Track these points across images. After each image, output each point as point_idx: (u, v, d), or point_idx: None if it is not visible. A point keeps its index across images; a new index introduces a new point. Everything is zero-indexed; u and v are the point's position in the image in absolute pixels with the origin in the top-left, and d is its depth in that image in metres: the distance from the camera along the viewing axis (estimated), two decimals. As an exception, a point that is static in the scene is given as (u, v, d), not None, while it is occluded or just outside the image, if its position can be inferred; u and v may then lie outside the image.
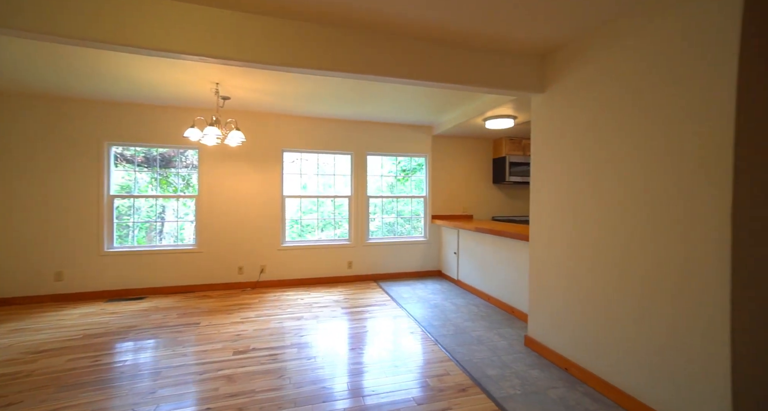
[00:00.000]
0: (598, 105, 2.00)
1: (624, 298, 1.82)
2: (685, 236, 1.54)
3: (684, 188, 1.55)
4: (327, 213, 4.60)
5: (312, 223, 4.58)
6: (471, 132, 4.57)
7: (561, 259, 2.24)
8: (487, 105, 3.42)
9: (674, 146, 1.60)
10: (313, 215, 4.59)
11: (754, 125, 1.41)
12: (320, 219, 4.58)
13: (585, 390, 1.94)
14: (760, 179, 1.42)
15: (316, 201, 4.52)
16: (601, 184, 1.97)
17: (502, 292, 3.35)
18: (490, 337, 2.65)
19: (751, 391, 1.42)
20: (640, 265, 1.74)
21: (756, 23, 1.39)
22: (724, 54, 1.41)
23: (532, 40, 2.21)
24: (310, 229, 4.60)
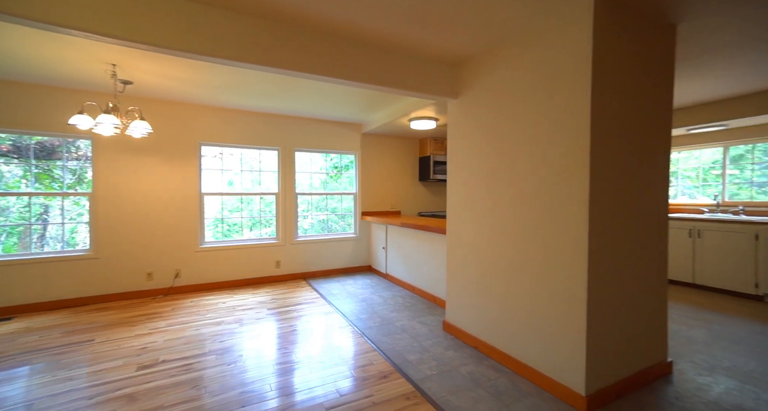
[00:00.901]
0: (495, 113, 2.28)
1: (516, 281, 2.11)
2: (560, 227, 1.86)
3: (557, 187, 1.87)
4: (256, 211, 4.37)
5: (240, 222, 4.31)
6: (398, 131, 4.76)
7: (469, 251, 2.50)
8: (411, 106, 3.61)
9: (550, 152, 1.91)
10: (243, 213, 4.32)
11: (602, 136, 1.76)
12: (249, 217, 4.33)
13: (490, 364, 2.21)
14: (605, 178, 1.79)
15: (242, 199, 4.26)
16: (496, 185, 2.25)
17: (426, 282, 3.60)
18: (412, 326, 2.83)
19: (599, 344, 1.79)
20: (527, 253, 2.04)
21: (604, 48, 1.73)
22: (583, 75, 1.73)
23: (445, 49, 2.41)
24: (238, 228, 4.32)
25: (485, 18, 1.99)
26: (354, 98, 3.58)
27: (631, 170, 1.89)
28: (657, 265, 2.03)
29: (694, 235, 3.85)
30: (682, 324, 2.84)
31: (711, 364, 2.18)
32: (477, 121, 2.47)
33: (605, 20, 1.74)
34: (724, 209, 4.18)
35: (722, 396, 1.85)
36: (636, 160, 1.91)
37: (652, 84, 1.96)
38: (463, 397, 1.84)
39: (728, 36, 2.21)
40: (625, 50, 1.83)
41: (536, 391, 1.90)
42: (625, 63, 1.83)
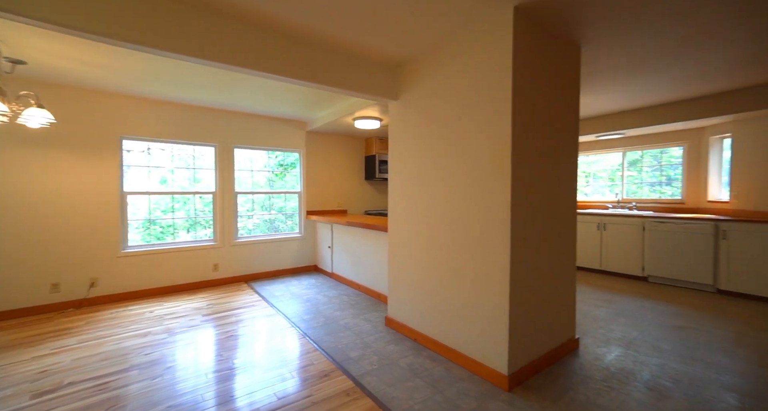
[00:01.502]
0: (430, 115, 2.41)
1: (449, 274, 2.27)
2: (487, 224, 2.04)
3: (484, 187, 2.05)
4: (195, 211, 4.05)
5: (175, 223, 3.95)
6: (344, 130, 4.76)
7: (407, 247, 2.62)
8: (356, 106, 3.64)
9: (478, 154, 2.08)
10: (179, 214, 3.98)
11: (521, 140, 1.97)
12: (187, 218, 4.00)
13: (428, 354, 2.34)
14: (524, 178, 2.00)
15: (174, 198, 3.92)
16: (431, 185, 2.39)
17: (371, 280, 3.67)
18: (356, 323, 2.88)
19: (519, 328, 2.01)
20: (459, 248, 2.20)
21: (521, 66, 1.94)
22: (505, 84, 1.92)
23: (385, 52, 2.48)
24: (173, 230, 3.96)
25: (415, 29, 2.09)
26: (298, 95, 3.50)
27: (546, 171, 2.14)
28: (567, 255, 2.33)
29: (601, 228, 4.45)
30: (589, 305, 3.29)
31: (607, 337, 2.56)
32: (414, 123, 2.58)
33: (522, 36, 1.93)
34: (622, 205, 4.90)
35: (612, 362, 2.19)
36: (550, 162, 2.16)
37: (562, 95, 2.24)
38: (401, 387, 1.94)
39: (622, 59, 2.59)
40: (540, 64, 2.06)
41: (468, 375, 2.07)
42: (540, 75, 2.06)
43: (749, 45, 2.39)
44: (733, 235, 3.44)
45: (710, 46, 2.38)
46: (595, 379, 2.02)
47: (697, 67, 2.79)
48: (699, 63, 2.70)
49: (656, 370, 2.09)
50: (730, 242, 3.45)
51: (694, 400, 1.79)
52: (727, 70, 2.87)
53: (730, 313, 3.04)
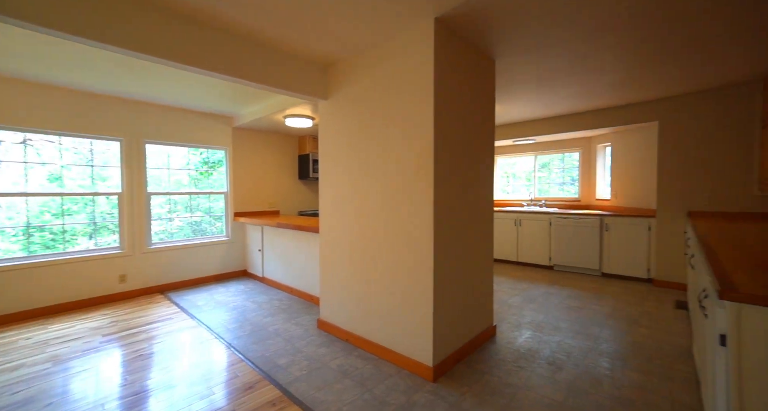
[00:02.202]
0: (360, 117, 2.44)
1: (378, 273, 2.33)
2: (413, 223, 2.13)
3: (410, 187, 2.14)
4: (98, 215, 3.48)
5: (74, 228, 3.34)
6: (275, 127, 4.55)
7: (338, 248, 2.62)
8: (286, 103, 3.50)
9: (404, 156, 2.17)
10: (78, 218, 3.38)
11: (443, 143, 2.11)
12: (89, 222, 3.41)
13: (359, 353, 2.37)
14: (446, 179, 2.15)
15: (76, 199, 3.32)
16: (360, 185, 2.43)
17: (304, 282, 3.58)
18: (287, 328, 2.79)
19: (443, 321, 2.16)
20: (387, 247, 2.28)
21: (440, 69, 2.06)
22: (427, 90, 2.03)
23: (313, 50, 2.43)
24: (68, 237, 3.35)
25: (340, 32, 2.09)
26: (222, 89, 3.24)
27: (466, 172, 2.32)
28: (486, 250, 2.56)
29: (518, 223, 4.98)
30: (506, 293, 3.66)
31: (519, 322, 2.88)
32: (344, 124, 2.58)
33: (444, 46, 2.06)
34: (534, 203, 5.54)
35: (522, 344, 2.48)
36: (469, 164, 2.35)
37: (480, 103, 2.44)
38: (330, 390, 1.93)
39: (529, 74, 2.92)
40: (461, 73, 2.22)
41: (396, 371, 2.15)
42: (460, 84, 2.22)
43: (620, 72, 2.89)
44: (612, 228, 4.14)
45: (595, 69, 2.81)
46: (508, 361, 2.26)
47: (587, 86, 3.28)
48: (588, 83, 3.17)
49: (555, 347, 2.42)
50: (611, 233, 4.15)
51: (580, 368, 2.12)
52: (607, 90, 3.42)
53: (608, 291, 3.65)
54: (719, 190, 3.49)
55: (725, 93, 3.43)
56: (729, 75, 3.06)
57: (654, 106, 3.85)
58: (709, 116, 3.53)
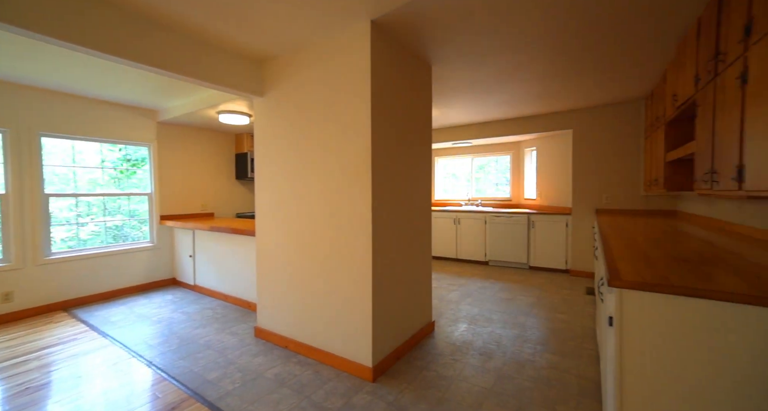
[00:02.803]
0: (298, 116, 2.37)
1: (317, 275, 2.29)
2: (352, 224, 2.13)
3: (349, 189, 2.13)
4: None
5: None
6: (208, 124, 4.21)
7: (276, 251, 2.52)
8: (219, 98, 3.26)
9: (343, 157, 2.16)
10: None
11: (381, 144, 2.14)
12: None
13: (299, 360, 2.30)
14: (384, 180, 2.18)
15: None
16: (299, 186, 2.37)
17: (241, 289, 3.38)
18: (220, 339, 2.60)
19: (382, 320, 2.19)
20: (326, 249, 2.25)
21: (378, 69, 2.09)
22: (364, 92, 2.04)
23: (248, 44, 2.30)
24: None
25: (274, 27, 2.01)
26: (143, 79, 2.90)
27: (404, 173, 2.38)
28: (424, 249, 2.65)
29: (457, 222, 5.25)
30: (446, 289, 3.84)
31: (456, 316, 3.05)
32: (281, 122, 2.49)
33: (381, 49, 2.08)
34: (472, 202, 5.90)
35: (458, 337, 2.62)
36: (407, 165, 2.41)
37: (417, 106, 2.52)
38: (265, 402, 1.85)
39: (462, 81, 3.10)
40: (398, 76, 2.26)
41: (336, 375, 2.12)
42: (398, 87, 2.27)
43: (542, 84, 3.21)
44: (538, 225, 4.58)
45: (520, 79, 3.08)
46: (445, 354, 2.37)
47: (513, 95, 3.58)
48: (514, 92, 3.46)
49: (487, 337, 2.60)
50: (536, 230, 4.59)
51: (508, 356, 2.31)
52: (531, 99, 3.77)
53: (534, 283, 4.04)
54: (618, 191, 4.06)
55: (624, 107, 3.99)
56: (627, 92, 3.57)
57: (569, 116, 4.34)
58: (611, 126, 4.08)
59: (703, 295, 1.00)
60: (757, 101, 1.23)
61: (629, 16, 1.97)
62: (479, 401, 1.83)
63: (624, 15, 1.97)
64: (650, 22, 2.04)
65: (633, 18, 1.99)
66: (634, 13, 1.94)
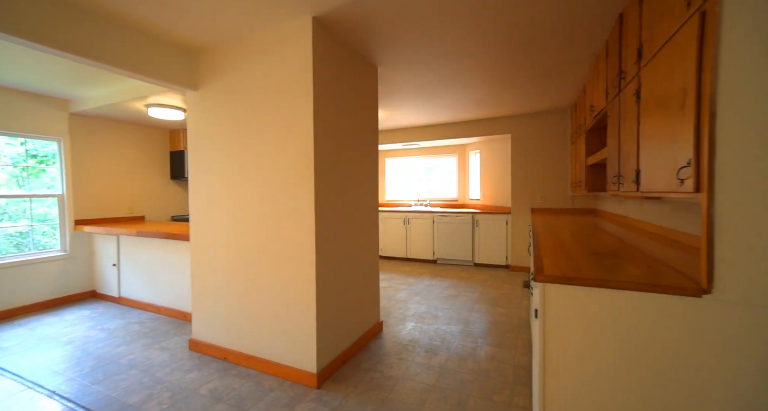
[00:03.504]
0: (236, 113, 2.23)
1: (259, 281, 2.17)
2: (294, 226, 2.05)
3: (292, 189, 2.05)
4: None
5: None
6: (136, 117, 3.80)
7: (213, 257, 2.35)
8: (146, 90, 2.95)
9: (284, 157, 2.07)
10: None
11: (324, 146, 2.09)
12: None
13: (239, 371, 2.16)
14: (326, 181, 2.14)
15: None
16: (237, 188, 2.23)
17: (175, 298, 3.09)
18: (147, 356, 2.35)
19: (327, 324, 2.14)
20: (267, 253, 2.14)
21: (319, 68, 2.05)
22: (306, 90, 1.98)
23: (178, 32, 2.10)
24: None
25: (208, 14, 1.87)
26: (50, 63, 2.51)
27: (349, 173, 2.35)
28: (371, 249, 2.65)
29: (406, 222, 5.35)
30: (394, 289, 3.89)
31: (404, 315, 3.09)
32: (218, 119, 2.32)
33: (324, 47, 2.03)
34: (421, 203, 6.06)
35: (405, 336, 2.66)
36: (352, 165, 2.39)
37: (363, 107, 2.51)
38: (197, 421, 1.70)
39: (408, 84, 3.16)
40: (342, 75, 2.23)
41: (279, 384, 2.03)
42: (343, 86, 2.23)
43: (482, 90, 3.39)
44: (481, 224, 4.84)
45: (464, 84, 3.22)
46: (391, 354, 2.38)
47: (458, 98, 3.74)
48: (458, 96, 3.62)
49: (432, 334, 2.67)
50: (480, 228, 4.85)
51: (452, 351, 2.39)
52: (474, 104, 3.98)
53: (478, 279, 4.26)
54: (550, 191, 4.45)
55: (555, 115, 4.39)
56: (558, 101, 3.92)
57: (508, 122, 4.65)
58: (545, 132, 4.45)
59: (607, 285, 1.12)
60: (646, 115, 1.41)
61: (553, 36, 2.16)
62: (423, 398, 1.87)
63: (548, 35, 2.16)
64: (571, 41, 2.26)
65: (557, 38, 2.19)
66: (557, 34, 2.13)
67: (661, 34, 1.26)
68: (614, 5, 1.85)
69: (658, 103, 1.29)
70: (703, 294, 0.99)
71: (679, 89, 1.11)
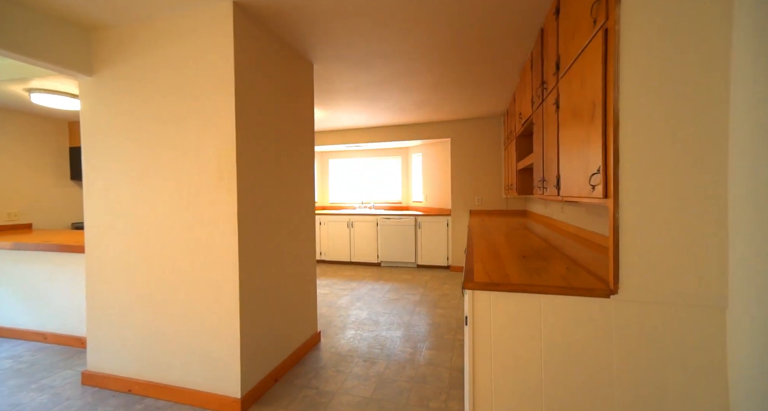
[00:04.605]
0: (145, 104, 1.93)
1: (171, 300, 1.89)
2: (213, 234, 1.82)
3: (211, 193, 1.82)
4: None
5: None
6: (18, 105, 3.14)
7: (117, 269, 2.00)
8: (27, 71, 2.43)
9: (201, 156, 1.83)
10: None
11: (249, 146, 1.89)
12: None
13: (145, 405, 1.85)
14: (252, 185, 1.94)
15: None
16: (145, 190, 1.93)
17: (66, 322, 2.59)
18: (18, 402, 1.90)
19: (253, 343, 1.94)
20: (182, 266, 1.87)
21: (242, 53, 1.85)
22: (227, 82, 1.77)
23: (72, 6, 1.74)
24: None
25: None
26: None
27: (280, 175, 2.17)
28: (307, 256, 2.48)
29: (350, 225, 5.24)
30: (336, 295, 3.75)
31: (344, 322, 2.98)
32: (122, 110, 1.98)
33: (249, 36, 1.83)
34: (365, 205, 6.00)
35: (344, 345, 2.54)
36: (284, 166, 2.21)
37: (298, 105, 2.34)
38: (81, 475, 1.39)
39: (347, 84, 3.06)
40: (272, 70, 2.04)
41: (195, 413, 1.78)
42: (272, 81, 2.05)
43: (422, 94, 3.43)
44: (424, 225, 4.93)
45: (404, 87, 3.21)
46: (328, 367, 2.25)
47: (399, 101, 3.73)
48: (399, 98, 3.61)
49: (372, 342, 2.60)
50: (423, 230, 4.93)
51: (391, 359, 2.34)
52: (415, 108, 4.01)
53: (420, 281, 4.31)
54: (487, 194, 4.68)
55: (490, 121, 4.63)
56: (493, 108, 4.13)
57: (448, 126, 4.80)
58: (482, 137, 4.67)
59: (530, 290, 1.14)
60: (564, 124, 1.50)
61: (482, 47, 2.23)
62: (358, 413, 1.77)
63: (477, 46, 2.22)
64: (499, 52, 2.35)
65: (485, 48, 2.26)
66: (485, 45, 2.21)
67: (573, 48, 1.33)
68: (536, 20, 1.96)
69: (573, 113, 1.36)
70: (610, 295, 1.05)
71: (589, 101, 1.16)
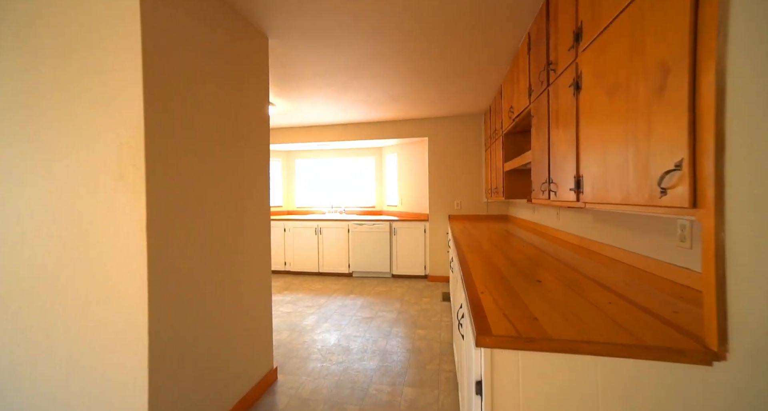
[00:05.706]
0: (10, 73, 1.37)
1: (55, 345, 1.34)
2: (113, 255, 1.29)
3: (109, 196, 1.29)
4: None
5: None
6: None
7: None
8: None
9: (98, 145, 1.30)
10: None
11: (164, 132, 1.38)
12: None
13: None
14: (167, 184, 1.43)
15: None
16: (12, 191, 1.37)
17: None
18: None
19: (170, 401, 1.43)
20: (68, 299, 1.33)
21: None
22: (132, 41, 1.26)
23: None
24: None
25: None
26: None
27: (220, 173, 1.66)
28: (259, 274, 1.98)
29: (318, 232, 4.73)
30: (301, 314, 3.24)
31: (308, 352, 2.48)
32: (-24, 81, 1.39)
33: None
34: (335, 210, 5.51)
35: (306, 384, 2.04)
36: (226, 163, 1.71)
37: (248, 88, 1.85)
38: None
39: (309, 69, 2.58)
40: (209, 41, 1.55)
41: None
42: (209, 54, 1.55)
43: (397, 85, 3.03)
44: (399, 232, 4.52)
45: (377, 74, 2.78)
46: (284, 417, 1.76)
47: (372, 92, 3.31)
48: (372, 89, 3.18)
49: (341, 378, 2.13)
50: (398, 237, 4.52)
51: (365, 401, 1.88)
52: (389, 101, 3.61)
53: (396, 294, 3.89)
54: (466, 198, 4.37)
55: (471, 119, 4.32)
56: (474, 106, 3.82)
57: (425, 124, 4.45)
58: (461, 137, 4.36)
59: (579, 350, 0.74)
60: (591, 108, 1.14)
61: (470, 30, 1.87)
62: None
63: (464, 29, 1.87)
64: (488, 38, 2.00)
65: (474, 32, 1.90)
66: (475, 28, 1.84)
67: (611, 1, 0.97)
68: (541, -12, 1.62)
69: (612, 91, 1.00)
70: (713, 361, 0.67)
71: (654, 66, 0.80)
